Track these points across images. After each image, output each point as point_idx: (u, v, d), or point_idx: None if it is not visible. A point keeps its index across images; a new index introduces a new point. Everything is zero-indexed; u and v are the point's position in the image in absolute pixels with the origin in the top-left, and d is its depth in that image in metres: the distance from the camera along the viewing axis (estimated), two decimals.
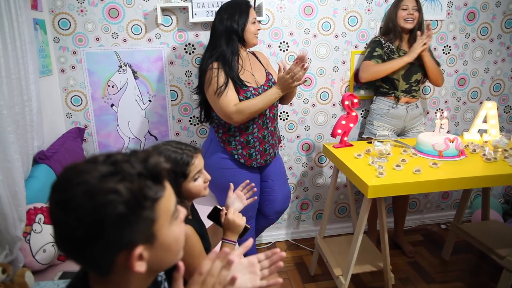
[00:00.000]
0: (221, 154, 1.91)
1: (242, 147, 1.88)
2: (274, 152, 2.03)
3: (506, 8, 2.60)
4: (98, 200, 0.59)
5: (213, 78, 1.76)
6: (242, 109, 1.74)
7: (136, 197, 0.62)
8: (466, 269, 2.40)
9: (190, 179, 1.20)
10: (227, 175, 1.91)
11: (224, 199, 1.97)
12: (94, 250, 0.61)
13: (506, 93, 2.81)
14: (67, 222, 0.61)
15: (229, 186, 1.90)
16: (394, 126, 2.32)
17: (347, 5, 2.38)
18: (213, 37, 1.84)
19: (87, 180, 0.61)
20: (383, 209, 1.81)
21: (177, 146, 1.20)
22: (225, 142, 1.89)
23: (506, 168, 1.73)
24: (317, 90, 2.49)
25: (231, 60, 1.79)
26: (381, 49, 2.25)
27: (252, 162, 1.92)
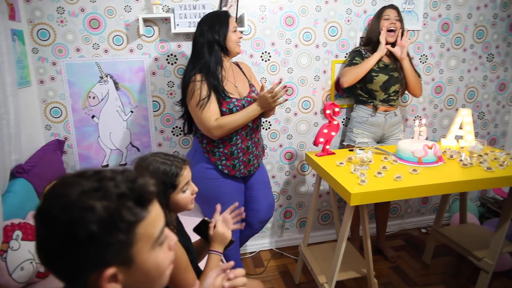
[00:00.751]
0: (205, 164, 1.91)
1: (226, 158, 1.89)
2: (258, 162, 2.04)
3: (477, 20, 2.71)
4: (72, 215, 0.59)
5: (195, 90, 1.76)
6: (222, 124, 1.75)
7: (112, 218, 0.60)
8: (446, 271, 2.46)
9: (179, 190, 1.21)
10: (212, 185, 1.91)
11: (208, 209, 1.98)
12: (67, 264, 0.60)
13: (479, 100, 2.91)
14: (43, 232, 0.61)
15: (213, 196, 1.90)
16: (373, 133, 2.38)
17: (327, 15, 2.43)
18: (195, 48, 1.85)
19: (67, 193, 0.61)
20: (365, 216, 1.84)
21: (166, 158, 1.21)
22: (209, 152, 1.90)
23: (481, 173, 1.79)
24: (299, 99, 2.53)
25: (215, 70, 1.80)
26: (360, 58, 2.30)
27: (236, 173, 1.92)
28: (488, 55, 2.82)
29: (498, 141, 3.07)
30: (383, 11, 2.26)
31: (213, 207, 1.93)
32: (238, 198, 1.98)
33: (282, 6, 2.34)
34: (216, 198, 1.91)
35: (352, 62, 2.31)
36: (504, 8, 2.74)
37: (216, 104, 1.79)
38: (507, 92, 2.96)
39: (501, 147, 3.07)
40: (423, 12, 2.58)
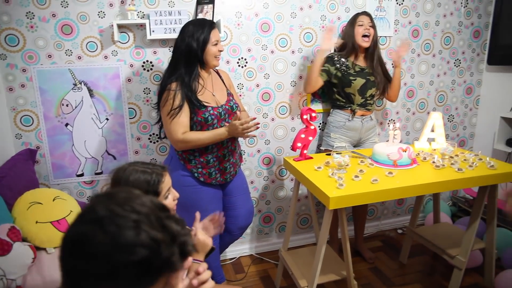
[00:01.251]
0: (182, 171, 1.89)
1: (202, 166, 1.88)
2: (235, 170, 2.04)
3: (444, 27, 2.83)
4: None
5: (169, 99, 1.75)
6: (187, 140, 1.76)
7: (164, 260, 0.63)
8: (422, 270, 2.52)
9: (161, 197, 1.22)
10: (189, 192, 1.89)
11: (186, 216, 1.95)
12: None
13: (449, 104, 3.03)
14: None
15: (191, 203, 1.89)
16: (350, 137, 2.42)
17: (302, 22, 2.47)
18: (174, 55, 1.84)
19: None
20: (344, 219, 1.87)
21: (145, 166, 1.21)
22: (185, 160, 1.88)
23: (453, 174, 1.86)
24: (276, 104, 2.55)
25: (189, 82, 1.79)
26: (331, 65, 2.34)
27: (212, 181, 1.92)
28: (455, 61, 2.94)
29: (467, 142, 3.19)
30: (357, 17, 2.32)
31: (191, 214, 1.91)
32: (216, 205, 1.97)
33: (258, 13, 2.36)
34: (194, 205, 1.90)
35: (322, 69, 2.35)
36: (467, 17, 2.87)
37: (188, 116, 1.79)
38: (473, 96, 3.09)
39: (470, 148, 3.20)
40: (394, 19, 2.67)
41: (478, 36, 2.96)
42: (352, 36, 2.32)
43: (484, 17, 2.92)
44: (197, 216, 1.44)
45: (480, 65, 3.03)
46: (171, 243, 0.63)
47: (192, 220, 1.94)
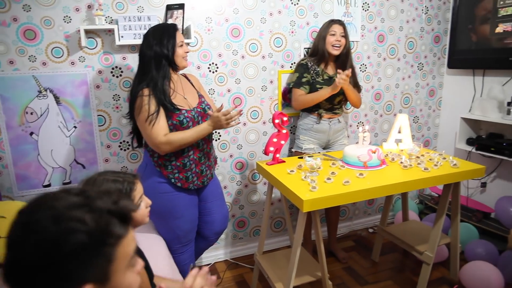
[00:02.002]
0: (158, 178, 1.86)
1: (179, 170, 1.86)
2: (211, 173, 2.04)
3: (407, 32, 2.95)
4: (62, 225, 0.60)
5: (143, 105, 1.73)
6: (171, 140, 1.74)
7: (101, 231, 0.62)
8: (394, 267, 2.61)
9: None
10: (165, 199, 1.87)
11: (162, 224, 1.93)
12: (45, 281, 0.59)
13: (413, 105, 3.15)
14: (24, 245, 0.60)
15: (167, 210, 1.87)
16: (319, 139, 2.47)
17: (272, 27, 2.50)
18: (142, 62, 1.81)
19: (55, 206, 0.62)
20: (318, 221, 1.90)
21: (115, 175, 1.19)
22: (161, 166, 1.86)
23: (419, 173, 1.93)
24: (248, 109, 2.56)
25: (162, 85, 1.77)
26: (308, 73, 2.38)
27: (189, 185, 1.90)
28: (419, 64, 3.07)
29: (431, 142, 3.33)
30: (330, 26, 2.36)
31: (168, 221, 1.90)
32: (192, 211, 1.96)
33: (228, 18, 2.38)
34: (170, 212, 1.88)
35: (301, 80, 2.38)
36: (428, 23, 3.01)
37: (165, 119, 1.77)
38: (436, 98, 3.23)
39: (434, 148, 3.34)
40: (361, 24, 2.75)
41: (439, 41, 3.10)
42: (322, 43, 2.37)
43: (443, 23, 3.07)
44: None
45: (441, 68, 3.18)
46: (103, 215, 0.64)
47: (166, 227, 1.93)
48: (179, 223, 1.91)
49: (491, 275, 2.15)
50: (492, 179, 2.86)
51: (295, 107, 2.45)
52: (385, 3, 2.80)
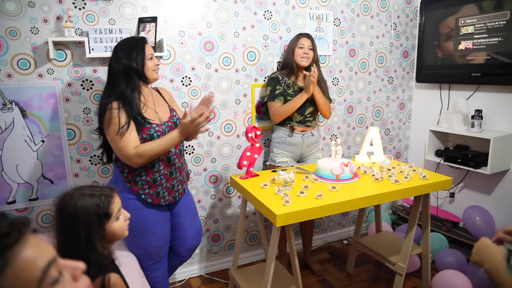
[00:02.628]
0: (127, 194, 1.82)
1: (149, 186, 1.82)
2: (183, 188, 2.00)
3: (377, 47, 3.04)
4: None
5: (113, 118, 1.69)
6: (142, 152, 1.69)
7: None
8: (368, 278, 2.63)
9: (113, 218, 1.19)
10: (135, 216, 1.81)
11: (132, 241, 1.88)
12: None
13: (385, 118, 3.23)
14: None
15: (137, 227, 1.82)
16: (292, 153, 2.49)
17: (245, 41, 2.52)
18: (111, 75, 1.78)
19: None
20: (291, 235, 1.90)
21: (92, 190, 1.18)
22: (130, 182, 1.81)
23: (390, 186, 1.97)
24: (221, 122, 2.56)
25: (131, 98, 1.74)
26: (280, 85, 2.41)
27: (160, 201, 1.86)
28: (389, 78, 3.16)
29: (402, 154, 3.41)
30: (298, 39, 2.40)
31: (138, 238, 1.85)
32: (163, 228, 1.92)
33: (201, 32, 2.38)
34: (140, 229, 1.83)
35: (274, 93, 2.40)
36: (397, 38, 3.12)
37: (135, 131, 1.73)
38: (406, 110, 3.33)
39: (405, 160, 3.42)
40: (333, 39, 2.82)
41: (407, 56, 3.21)
42: (291, 56, 2.41)
43: (411, 39, 3.18)
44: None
45: (410, 82, 3.29)
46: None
47: (138, 244, 1.87)
48: (150, 240, 1.87)
49: (461, 283, 2.21)
50: (460, 189, 2.95)
51: (275, 121, 2.46)
52: (355, 19, 2.88)
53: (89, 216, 1.11)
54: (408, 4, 3.11)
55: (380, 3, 2.97)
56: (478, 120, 2.61)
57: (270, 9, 2.57)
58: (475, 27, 2.63)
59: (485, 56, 2.59)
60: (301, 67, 2.43)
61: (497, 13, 2.48)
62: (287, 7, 2.62)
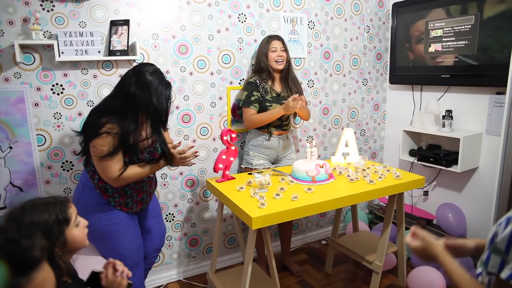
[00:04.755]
0: (96, 199, 1.78)
1: (119, 195, 1.80)
2: (151, 198, 2.01)
3: (352, 50, 3.09)
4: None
5: (106, 138, 1.62)
6: (126, 177, 1.69)
7: None
8: (346, 278, 2.66)
9: (73, 224, 1.15)
10: (104, 219, 1.79)
11: (103, 247, 1.84)
12: None
13: (360, 119, 3.28)
14: None
15: (108, 230, 1.79)
16: (268, 155, 2.49)
17: (220, 44, 2.51)
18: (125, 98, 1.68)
19: None
20: (268, 237, 1.90)
21: (44, 199, 1.15)
22: (101, 188, 1.77)
23: (365, 186, 2.00)
24: (197, 126, 2.54)
25: (133, 131, 1.68)
26: (257, 91, 2.40)
27: (129, 210, 1.85)
28: (363, 80, 3.22)
29: (378, 154, 3.47)
30: (269, 42, 2.41)
31: (110, 242, 1.81)
32: (134, 228, 1.89)
33: (175, 35, 2.36)
34: (111, 232, 1.80)
35: (250, 99, 2.38)
36: (370, 41, 3.18)
37: (122, 154, 1.69)
38: (380, 111, 3.39)
39: (380, 160, 3.49)
40: (307, 41, 2.84)
41: (380, 58, 3.27)
42: (265, 60, 2.41)
43: (384, 41, 3.25)
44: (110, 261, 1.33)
45: (384, 84, 3.35)
46: None
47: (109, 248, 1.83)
48: (123, 242, 1.82)
49: (434, 278, 2.26)
50: (433, 187, 3.03)
51: (248, 127, 2.45)
52: (329, 21, 2.92)
53: (47, 225, 1.07)
54: (381, 8, 3.17)
55: (353, 7, 3.02)
56: (449, 120, 2.68)
57: (245, 12, 2.57)
58: (443, 31, 2.70)
59: (454, 58, 2.67)
60: (277, 70, 2.44)
61: (463, 18, 2.57)
62: (262, 10, 2.63)
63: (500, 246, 0.82)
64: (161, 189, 2.48)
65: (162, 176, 2.46)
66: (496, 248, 0.83)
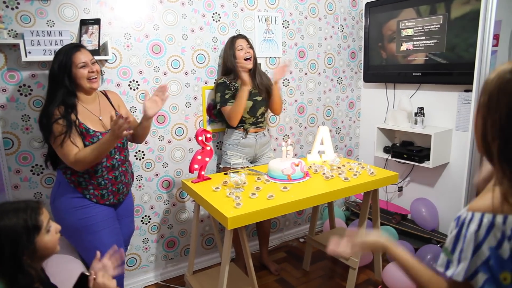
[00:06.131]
0: (71, 194, 1.78)
1: (94, 187, 1.80)
2: (128, 189, 1.99)
3: (326, 49, 3.12)
4: None
5: (54, 125, 1.67)
6: (80, 158, 1.67)
7: None
8: (324, 274, 2.69)
9: (44, 231, 1.11)
10: (80, 214, 1.77)
11: (80, 242, 1.80)
12: None
13: (335, 117, 3.32)
14: None
15: (85, 225, 1.75)
16: (246, 154, 2.49)
17: (194, 43, 2.49)
18: (50, 82, 1.75)
19: None
20: (244, 237, 1.90)
21: (15, 205, 1.11)
22: (74, 182, 1.78)
23: (340, 184, 2.03)
24: (172, 126, 2.51)
25: (71, 107, 1.72)
26: (229, 90, 2.40)
27: (105, 202, 1.84)
28: (338, 78, 3.26)
29: (353, 151, 3.53)
30: (235, 42, 2.41)
31: (87, 237, 1.78)
32: (112, 224, 1.86)
33: (148, 34, 2.32)
34: (89, 226, 1.77)
35: (225, 98, 2.38)
36: (344, 40, 3.22)
37: (79, 138, 1.72)
38: (355, 109, 3.45)
39: (356, 157, 3.54)
40: (282, 41, 2.86)
41: (355, 57, 3.32)
42: (232, 60, 2.40)
43: (357, 40, 3.30)
44: (97, 255, 1.33)
45: (358, 82, 3.41)
46: None
47: (88, 245, 1.79)
48: (101, 237, 1.79)
49: None
50: (407, 183, 3.10)
51: (232, 124, 2.41)
52: (304, 21, 2.94)
53: (15, 232, 1.03)
54: (354, 7, 3.22)
55: (327, 6, 3.05)
56: (421, 117, 2.75)
57: (219, 11, 2.55)
58: (414, 30, 2.77)
59: (424, 57, 2.73)
60: (246, 70, 2.43)
61: (432, 17, 2.64)
62: (236, 9, 2.62)
63: (447, 246, 0.84)
64: (137, 191, 2.44)
65: (137, 178, 2.43)
66: (445, 248, 0.85)
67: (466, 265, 0.79)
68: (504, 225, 0.76)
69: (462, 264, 0.80)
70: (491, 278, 0.76)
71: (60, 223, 1.81)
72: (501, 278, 0.76)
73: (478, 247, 0.77)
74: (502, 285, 0.76)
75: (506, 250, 0.75)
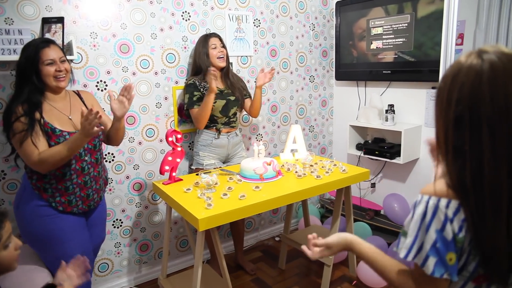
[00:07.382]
0: (37, 201, 1.68)
1: (60, 194, 1.70)
2: (100, 196, 1.90)
3: (298, 47, 3.14)
4: None
5: (16, 123, 1.58)
6: (44, 159, 1.58)
7: None
8: (299, 272, 2.70)
9: (1, 246, 1.04)
10: (46, 223, 1.69)
11: (46, 252, 1.73)
12: None
13: (308, 116, 3.34)
14: None
15: (50, 235, 1.68)
16: (218, 154, 2.47)
17: (163, 43, 2.44)
18: (17, 76, 1.68)
19: None
20: (217, 238, 1.88)
21: None
22: (40, 189, 1.68)
23: (313, 182, 2.04)
24: (142, 127, 2.45)
25: (36, 105, 1.64)
26: (198, 91, 2.36)
27: (73, 209, 1.74)
28: (310, 77, 3.28)
29: (327, 149, 3.56)
30: (208, 40, 2.38)
31: (53, 249, 1.71)
32: (80, 233, 1.78)
33: (116, 33, 2.26)
34: (54, 237, 1.69)
35: (192, 100, 2.34)
36: (316, 39, 3.24)
37: (43, 137, 1.63)
38: (328, 107, 3.48)
39: (329, 155, 3.58)
40: (253, 39, 2.84)
41: (326, 56, 3.35)
42: (206, 59, 2.37)
43: (329, 39, 3.33)
44: (62, 264, 1.28)
45: (330, 80, 3.44)
46: None
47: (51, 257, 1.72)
48: (66, 249, 1.71)
49: None
50: (380, 179, 3.15)
51: (199, 127, 2.39)
52: (275, 19, 2.94)
53: None
54: (325, 6, 3.25)
55: (298, 5, 3.06)
56: (391, 114, 2.80)
57: (188, 10, 2.52)
58: (383, 28, 2.82)
59: (393, 55, 2.79)
60: (219, 68, 2.41)
61: (400, 16, 2.69)
62: (206, 8, 2.59)
63: (406, 229, 0.89)
64: (107, 194, 2.38)
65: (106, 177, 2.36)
66: (404, 231, 0.89)
67: (411, 240, 0.85)
68: (446, 208, 0.81)
69: (409, 238, 0.85)
70: (440, 261, 0.81)
71: (24, 230, 1.74)
72: (447, 259, 0.80)
73: (426, 230, 0.82)
74: (448, 266, 0.80)
75: (449, 233, 0.80)
